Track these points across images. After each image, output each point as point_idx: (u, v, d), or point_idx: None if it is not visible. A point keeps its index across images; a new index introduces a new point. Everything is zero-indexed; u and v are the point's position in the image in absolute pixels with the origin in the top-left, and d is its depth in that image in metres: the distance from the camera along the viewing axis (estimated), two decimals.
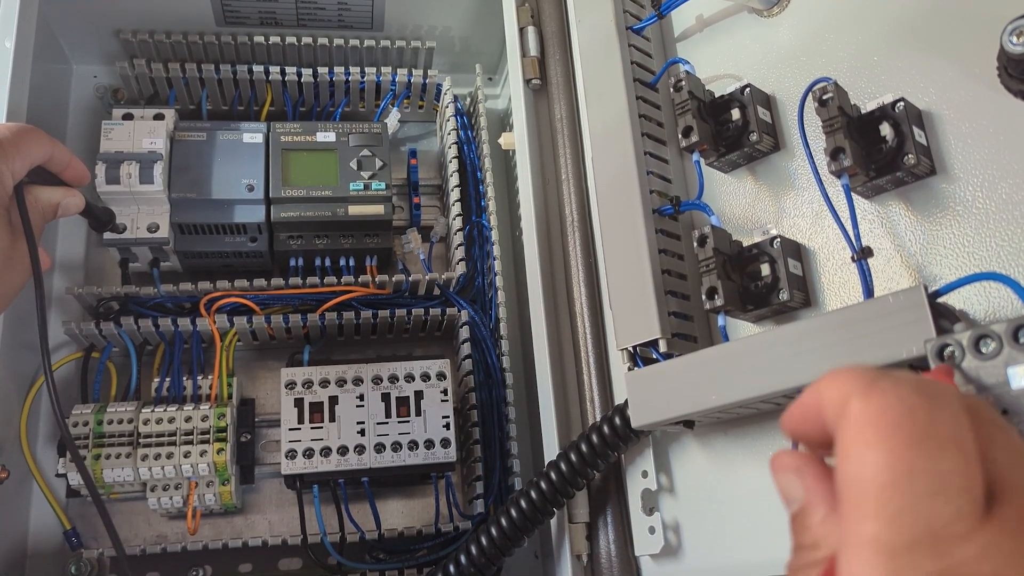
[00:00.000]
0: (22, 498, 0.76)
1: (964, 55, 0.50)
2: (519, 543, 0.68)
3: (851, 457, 0.25)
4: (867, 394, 0.26)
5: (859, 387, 0.26)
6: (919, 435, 0.25)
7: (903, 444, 0.24)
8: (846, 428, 0.26)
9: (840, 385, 0.27)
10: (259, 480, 0.81)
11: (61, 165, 0.65)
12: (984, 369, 0.36)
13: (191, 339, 0.80)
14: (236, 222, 0.81)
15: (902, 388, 0.26)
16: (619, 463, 0.70)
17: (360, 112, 0.93)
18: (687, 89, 0.61)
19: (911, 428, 0.25)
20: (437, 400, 0.79)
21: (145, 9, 0.85)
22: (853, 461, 0.25)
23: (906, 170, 0.50)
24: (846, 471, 0.25)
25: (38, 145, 0.63)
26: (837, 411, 0.27)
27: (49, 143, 0.64)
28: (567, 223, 0.78)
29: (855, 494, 0.25)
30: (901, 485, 0.24)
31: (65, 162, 0.65)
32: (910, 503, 0.24)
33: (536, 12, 0.86)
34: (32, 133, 0.62)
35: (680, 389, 0.56)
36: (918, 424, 0.25)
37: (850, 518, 0.25)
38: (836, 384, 0.27)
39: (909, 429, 0.25)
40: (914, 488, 0.24)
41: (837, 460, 0.26)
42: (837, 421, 0.27)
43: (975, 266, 0.48)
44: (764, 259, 0.57)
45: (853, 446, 0.25)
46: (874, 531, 0.24)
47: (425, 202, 0.92)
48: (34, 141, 0.62)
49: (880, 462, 0.24)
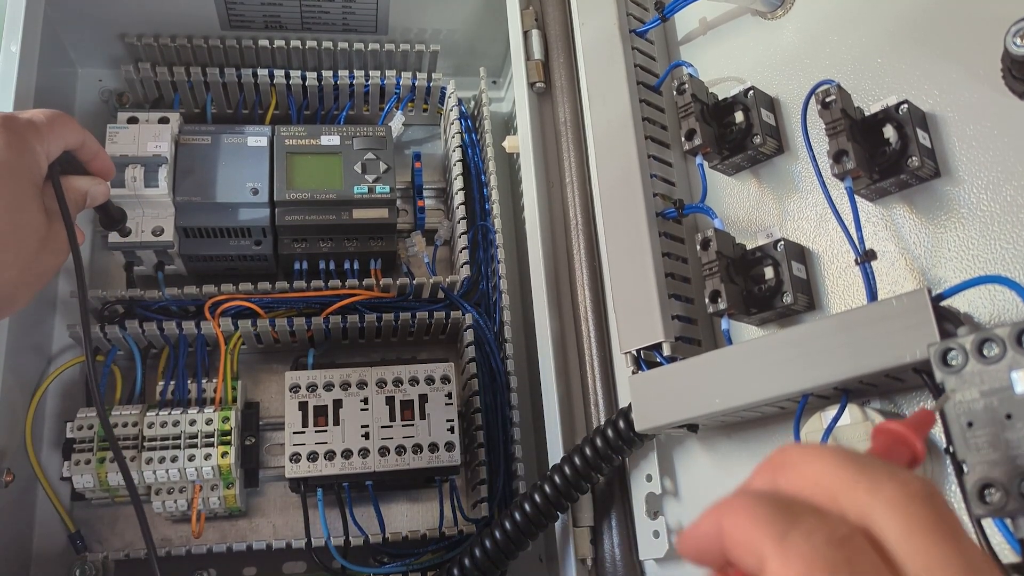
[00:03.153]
0: (27, 501, 0.76)
1: (968, 57, 0.50)
2: (523, 547, 0.67)
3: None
4: (783, 554, 0.25)
5: (771, 542, 0.25)
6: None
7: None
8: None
9: (747, 531, 0.26)
10: (263, 483, 0.81)
11: (90, 154, 0.66)
12: (988, 373, 0.36)
13: (195, 342, 0.80)
14: (240, 225, 0.81)
15: (815, 539, 0.25)
16: (623, 467, 0.70)
17: (364, 115, 0.93)
18: (690, 92, 0.61)
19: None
20: (441, 403, 0.79)
21: (150, 13, 0.86)
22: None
23: (910, 172, 0.50)
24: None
25: (71, 130, 0.63)
26: (750, 561, 0.26)
27: (81, 131, 0.64)
28: (571, 226, 0.78)
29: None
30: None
31: (94, 152, 0.66)
32: None
33: (540, 15, 0.86)
34: (65, 118, 0.63)
35: (684, 393, 0.55)
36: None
37: None
38: (741, 528, 0.26)
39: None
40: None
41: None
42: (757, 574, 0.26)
43: (979, 269, 0.47)
44: (768, 262, 0.56)
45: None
46: None
47: (429, 205, 0.92)
48: (67, 126, 0.63)
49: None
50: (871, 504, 0.26)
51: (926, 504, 0.25)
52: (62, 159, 0.62)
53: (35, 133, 0.59)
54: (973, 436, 0.37)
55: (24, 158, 0.58)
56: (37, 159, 0.59)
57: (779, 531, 0.25)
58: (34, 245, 0.59)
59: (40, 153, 0.60)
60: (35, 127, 0.59)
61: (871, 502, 0.26)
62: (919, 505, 0.25)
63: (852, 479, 0.26)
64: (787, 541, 0.25)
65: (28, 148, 0.58)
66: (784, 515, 0.26)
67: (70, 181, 0.64)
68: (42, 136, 0.60)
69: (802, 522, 0.25)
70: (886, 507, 0.25)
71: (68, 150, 0.63)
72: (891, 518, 0.25)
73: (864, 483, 0.26)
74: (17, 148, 0.58)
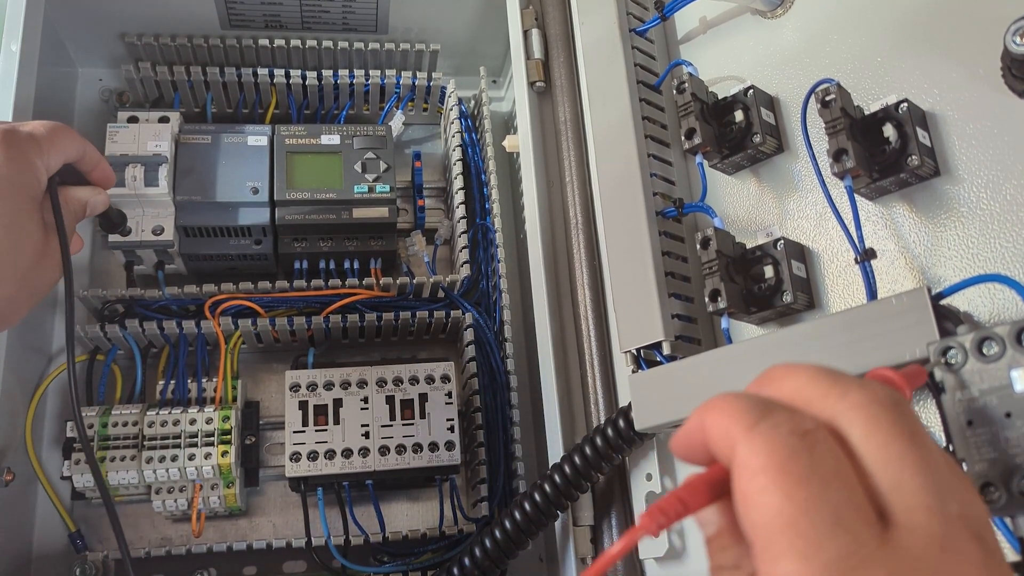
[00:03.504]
0: (27, 500, 0.76)
1: (968, 56, 0.50)
2: (523, 546, 0.67)
3: (751, 504, 0.27)
4: (750, 439, 0.27)
5: (742, 430, 0.28)
6: (805, 474, 0.26)
7: (793, 485, 0.26)
8: (739, 476, 0.27)
9: (723, 423, 0.28)
10: (263, 483, 0.81)
11: (90, 165, 0.66)
12: (987, 372, 0.36)
13: (196, 342, 0.80)
14: (241, 225, 0.81)
15: (780, 429, 0.27)
16: (623, 466, 0.70)
17: (364, 115, 0.93)
18: (690, 91, 0.61)
19: (796, 469, 0.26)
20: (441, 403, 0.79)
21: (150, 12, 0.86)
22: (753, 508, 0.27)
23: (910, 171, 0.50)
24: (749, 517, 0.27)
25: (71, 142, 0.63)
26: (724, 451, 0.28)
27: (81, 142, 0.64)
28: (571, 225, 0.78)
29: (762, 537, 0.26)
30: (801, 523, 0.25)
31: (95, 162, 0.66)
32: (815, 538, 0.25)
33: (540, 15, 0.86)
34: (66, 130, 0.63)
35: (684, 391, 0.55)
36: (801, 464, 0.26)
37: (764, 559, 0.26)
38: (719, 421, 0.29)
39: (795, 470, 0.26)
40: (815, 524, 0.25)
41: (737, 505, 0.28)
42: (728, 463, 0.28)
43: (979, 268, 0.47)
44: (767, 261, 0.56)
45: (750, 494, 0.27)
46: (788, 569, 0.25)
47: (429, 205, 0.92)
48: (68, 138, 0.63)
49: (778, 506, 0.26)
50: (838, 407, 0.28)
51: (889, 409, 0.28)
52: (61, 170, 0.62)
53: (35, 147, 0.59)
54: (973, 434, 0.37)
55: (24, 173, 0.58)
56: (37, 173, 0.60)
57: (750, 422, 0.28)
58: (31, 260, 0.59)
59: (40, 167, 0.60)
60: (35, 141, 0.59)
61: (838, 405, 0.28)
62: (882, 408, 0.28)
63: (825, 387, 0.29)
64: (755, 430, 0.27)
65: (28, 162, 0.58)
66: (757, 409, 0.28)
67: (70, 192, 0.64)
68: (42, 150, 0.60)
69: (772, 415, 0.28)
70: (851, 410, 0.28)
71: (68, 162, 0.63)
72: (855, 420, 0.28)
73: (835, 391, 0.29)
74: (17, 162, 0.58)
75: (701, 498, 0.29)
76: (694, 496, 0.29)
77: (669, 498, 0.28)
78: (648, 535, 0.28)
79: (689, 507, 0.29)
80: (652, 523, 0.28)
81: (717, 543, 0.31)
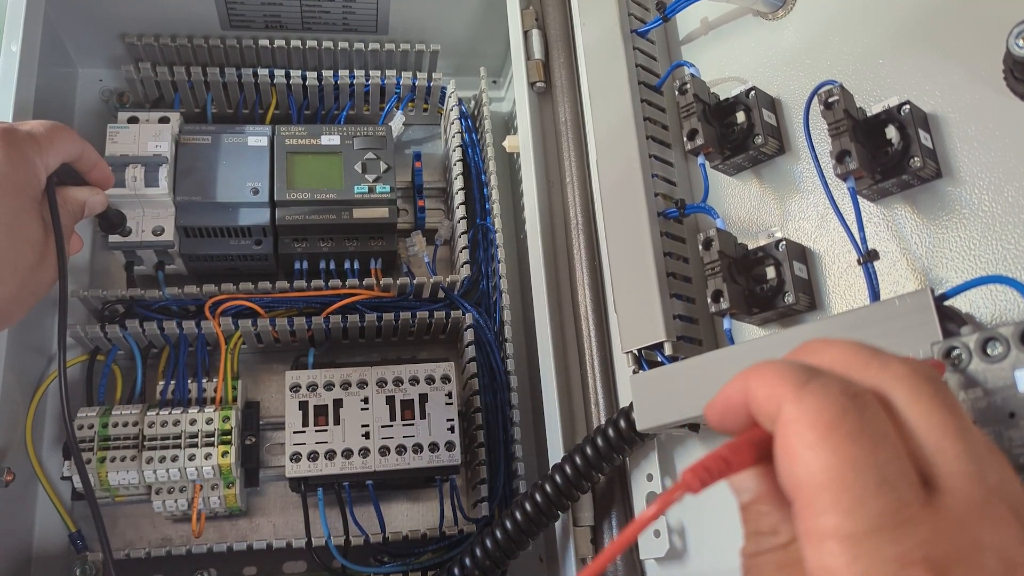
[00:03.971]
0: (27, 501, 0.76)
1: (970, 58, 0.50)
2: (524, 546, 0.68)
3: (797, 460, 0.27)
4: (799, 398, 0.27)
5: (790, 390, 0.28)
6: (855, 433, 0.26)
7: (843, 442, 0.26)
8: (785, 433, 0.27)
9: (770, 384, 0.28)
10: (264, 483, 0.81)
11: (88, 165, 0.66)
12: (991, 372, 0.36)
13: (196, 342, 0.80)
14: (241, 225, 0.81)
15: (831, 389, 0.27)
16: (624, 466, 0.70)
17: (364, 115, 0.93)
18: (692, 92, 0.61)
19: (847, 427, 0.26)
20: (441, 403, 0.79)
21: (150, 13, 0.85)
22: (799, 463, 0.27)
23: (912, 173, 0.50)
24: (794, 473, 0.27)
25: (70, 142, 0.63)
26: (769, 412, 0.28)
27: (80, 142, 0.64)
28: (571, 226, 0.78)
29: (808, 493, 0.26)
30: (849, 479, 0.26)
31: (93, 162, 0.66)
32: (861, 494, 0.25)
33: (540, 15, 0.86)
34: (64, 130, 0.63)
35: (685, 392, 0.55)
36: (851, 422, 0.27)
37: (807, 514, 0.26)
38: (765, 383, 0.29)
39: (845, 428, 0.26)
40: (862, 480, 0.26)
41: (780, 462, 0.28)
42: (773, 423, 0.28)
43: (981, 269, 0.48)
44: (769, 262, 0.57)
45: (797, 449, 0.27)
46: (834, 523, 0.25)
47: (429, 205, 0.92)
48: (66, 138, 0.63)
49: (826, 461, 0.26)
50: (882, 377, 0.29)
51: (930, 380, 0.29)
52: (60, 170, 0.62)
53: (35, 146, 0.59)
54: None
55: (23, 172, 0.58)
56: (36, 172, 0.60)
57: (799, 381, 0.28)
58: (32, 260, 0.59)
59: (39, 166, 0.60)
60: (35, 140, 0.59)
61: (882, 375, 0.29)
62: (924, 380, 0.29)
63: (866, 358, 0.30)
64: (804, 389, 0.27)
65: (27, 161, 0.58)
66: (805, 371, 0.28)
67: (68, 192, 0.64)
68: (41, 149, 0.60)
69: (822, 376, 0.28)
70: (895, 380, 0.29)
71: (67, 162, 0.63)
72: (898, 388, 0.28)
73: (877, 361, 0.29)
74: (16, 162, 0.58)
75: (744, 459, 0.29)
76: (738, 456, 0.29)
77: (713, 456, 0.28)
78: (690, 492, 0.27)
79: (732, 466, 0.28)
80: (696, 480, 0.27)
81: (754, 509, 0.31)
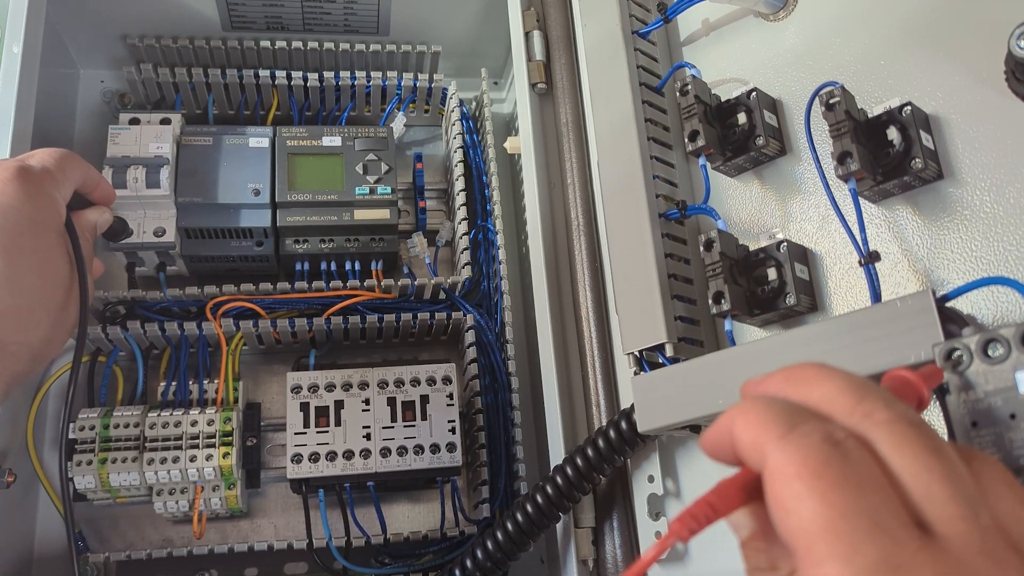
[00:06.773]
0: (29, 502, 0.76)
1: (971, 59, 0.50)
2: (525, 548, 0.67)
3: (788, 511, 0.27)
4: (782, 447, 0.28)
5: (773, 437, 0.28)
6: (840, 480, 0.27)
7: (829, 490, 0.26)
8: (772, 483, 0.28)
9: (754, 430, 0.29)
10: (265, 484, 0.81)
11: (92, 185, 0.66)
12: (992, 373, 0.36)
13: (197, 343, 0.80)
14: (242, 226, 0.81)
15: (813, 437, 0.28)
16: (625, 468, 0.70)
17: (366, 116, 0.93)
18: (693, 93, 0.61)
19: (831, 475, 0.27)
20: (443, 404, 0.79)
21: (152, 14, 0.86)
22: (789, 514, 0.27)
23: (913, 174, 0.50)
24: (788, 524, 0.27)
25: (78, 168, 0.64)
26: (754, 457, 0.29)
27: (84, 165, 0.65)
28: (573, 227, 0.78)
29: (804, 543, 0.26)
30: (840, 526, 0.26)
31: (96, 182, 0.67)
32: (855, 540, 0.26)
33: (542, 16, 0.86)
34: (72, 157, 0.63)
35: (687, 394, 0.55)
36: (835, 470, 0.27)
37: (807, 564, 0.26)
38: (749, 427, 0.29)
39: (830, 476, 0.27)
40: (853, 526, 0.26)
41: (772, 512, 0.28)
42: (759, 469, 0.29)
43: (983, 271, 0.47)
44: (771, 263, 0.56)
45: (786, 500, 0.27)
46: (832, 572, 0.26)
47: (431, 206, 0.92)
48: (75, 165, 0.63)
49: (815, 511, 0.26)
50: (865, 425, 0.29)
51: (912, 425, 0.29)
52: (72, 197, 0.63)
53: (51, 181, 0.60)
54: (977, 436, 0.37)
55: (46, 211, 0.59)
56: (57, 208, 0.60)
57: (781, 430, 0.28)
58: (62, 299, 0.59)
59: (59, 200, 0.60)
60: (50, 175, 0.60)
61: (865, 423, 0.29)
62: (908, 426, 0.29)
63: (852, 402, 0.29)
64: (787, 438, 0.28)
65: (48, 198, 0.59)
66: (788, 417, 0.29)
67: (80, 217, 0.65)
68: (57, 183, 0.60)
69: (804, 423, 0.28)
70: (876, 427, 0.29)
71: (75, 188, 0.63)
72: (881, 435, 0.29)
73: (861, 408, 0.29)
74: (39, 202, 0.58)
75: (731, 502, 0.29)
76: (724, 500, 0.29)
77: (699, 503, 0.29)
78: (679, 541, 0.28)
79: (719, 511, 0.29)
80: (684, 528, 0.28)
81: (752, 545, 0.31)
